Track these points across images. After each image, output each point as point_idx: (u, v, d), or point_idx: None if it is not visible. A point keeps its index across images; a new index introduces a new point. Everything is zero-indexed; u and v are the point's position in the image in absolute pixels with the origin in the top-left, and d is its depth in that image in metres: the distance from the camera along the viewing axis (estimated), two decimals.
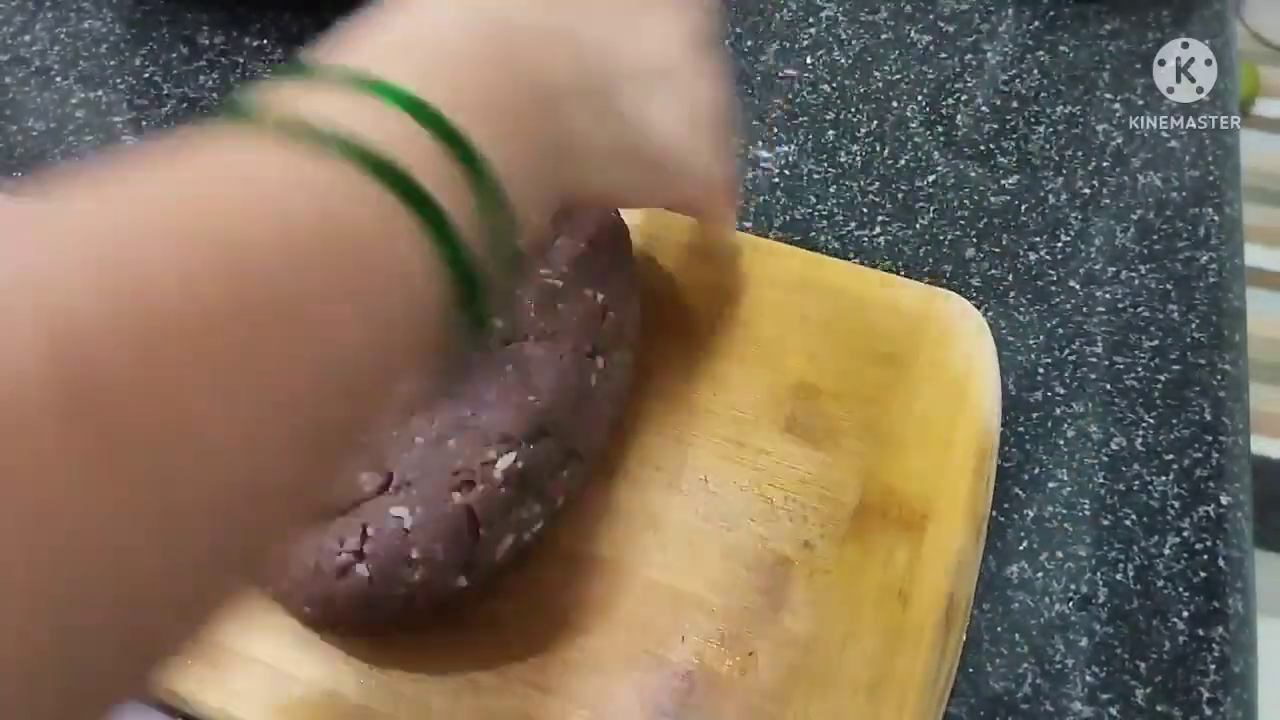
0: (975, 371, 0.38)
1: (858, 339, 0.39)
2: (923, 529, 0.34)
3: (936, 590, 0.32)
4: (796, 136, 0.50)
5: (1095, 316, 0.43)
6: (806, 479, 0.35)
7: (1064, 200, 0.47)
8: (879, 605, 0.32)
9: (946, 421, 0.36)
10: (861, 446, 0.36)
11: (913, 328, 0.39)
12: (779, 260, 0.41)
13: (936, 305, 0.39)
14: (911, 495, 0.35)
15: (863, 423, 0.36)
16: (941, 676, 0.32)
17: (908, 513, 0.34)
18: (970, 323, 0.39)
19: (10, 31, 0.54)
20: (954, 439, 0.36)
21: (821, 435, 0.36)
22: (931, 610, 0.32)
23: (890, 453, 0.36)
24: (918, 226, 0.46)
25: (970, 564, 0.34)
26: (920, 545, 0.33)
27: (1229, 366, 0.41)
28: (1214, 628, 0.34)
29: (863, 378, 0.38)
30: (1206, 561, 0.36)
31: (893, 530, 0.34)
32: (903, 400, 0.37)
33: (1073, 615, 0.35)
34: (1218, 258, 0.45)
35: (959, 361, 0.38)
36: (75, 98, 0.51)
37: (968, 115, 0.51)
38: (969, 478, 0.35)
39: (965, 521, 0.34)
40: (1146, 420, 0.39)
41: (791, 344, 0.39)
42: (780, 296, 0.40)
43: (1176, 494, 0.37)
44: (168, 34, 0.54)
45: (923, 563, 0.33)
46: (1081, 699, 0.33)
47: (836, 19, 0.56)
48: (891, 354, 0.38)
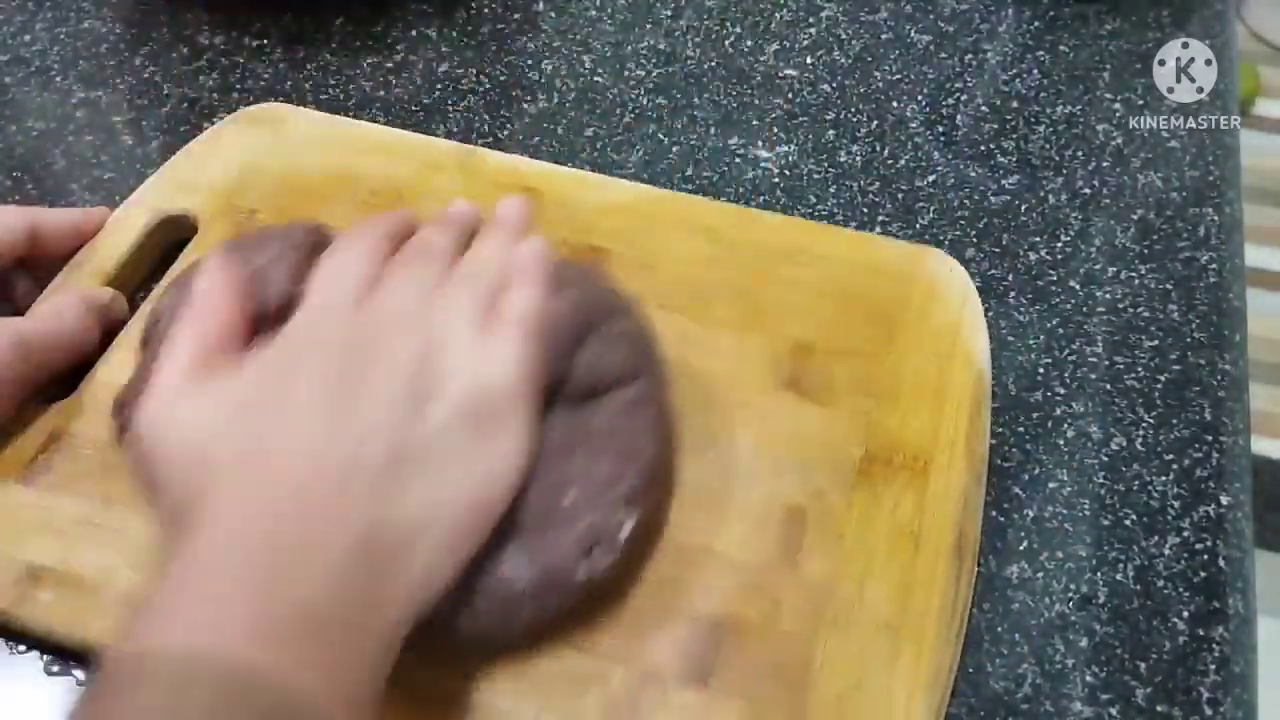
0: (963, 322, 0.39)
1: (848, 298, 0.40)
2: (926, 473, 0.35)
3: (945, 529, 0.34)
4: (796, 136, 0.50)
5: (1095, 316, 0.43)
6: (811, 434, 0.37)
7: (1064, 200, 0.47)
8: (892, 548, 0.34)
9: (939, 370, 0.38)
10: (861, 400, 0.37)
11: (901, 284, 0.40)
12: (766, 228, 0.43)
13: (922, 262, 0.41)
14: (912, 442, 0.36)
15: (860, 378, 0.38)
16: (957, 612, 0.33)
17: (910, 459, 0.36)
18: (956, 276, 0.41)
19: (10, 31, 0.54)
20: (948, 386, 0.38)
21: (821, 392, 0.38)
22: (942, 548, 0.34)
23: (889, 404, 0.37)
24: (918, 226, 0.46)
25: (974, 502, 0.35)
26: (925, 489, 0.35)
27: (1229, 366, 0.41)
28: (1214, 628, 0.34)
29: (857, 335, 0.39)
30: (1207, 561, 0.36)
31: (898, 476, 0.35)
32: (896, 353, 0.39)
33: (1073, 615, 0.35)
34: (1218, 258, 0.45)
35: (947, 313, 0.40)
36: (75, 98, 0.51)
37: (968, 115, 0.51)
38: (965, 422, 0.37)
39: (965, 462, 0.36)
40: (1147, 420, 0.39)
41: (785, 307, 0.40)
42: (770, 263, 0.41)
43: (1177, 494, 0.37)
44: (168, 34, 0.54)
45: (929, 505, 0.35)
46: (1081, 699, 0.33)
47: (836, 19, 0.56)
48: (882, 311, 0.40)
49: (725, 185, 0.47)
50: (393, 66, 0.53)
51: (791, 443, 0.36)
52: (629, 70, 0.53)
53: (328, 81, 0.52)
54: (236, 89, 0.51)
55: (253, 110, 0.48)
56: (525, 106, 0.51)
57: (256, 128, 0.47)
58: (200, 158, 0.46)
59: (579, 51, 0.54)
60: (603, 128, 0.50)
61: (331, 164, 0.45)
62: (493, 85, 0.52)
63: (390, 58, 0.53)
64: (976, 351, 0.39)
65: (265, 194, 0.44)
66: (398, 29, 0.55)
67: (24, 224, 0.39)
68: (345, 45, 0.54)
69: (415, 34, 0.55)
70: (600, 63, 0.53)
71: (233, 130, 0.47)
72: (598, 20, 0.56)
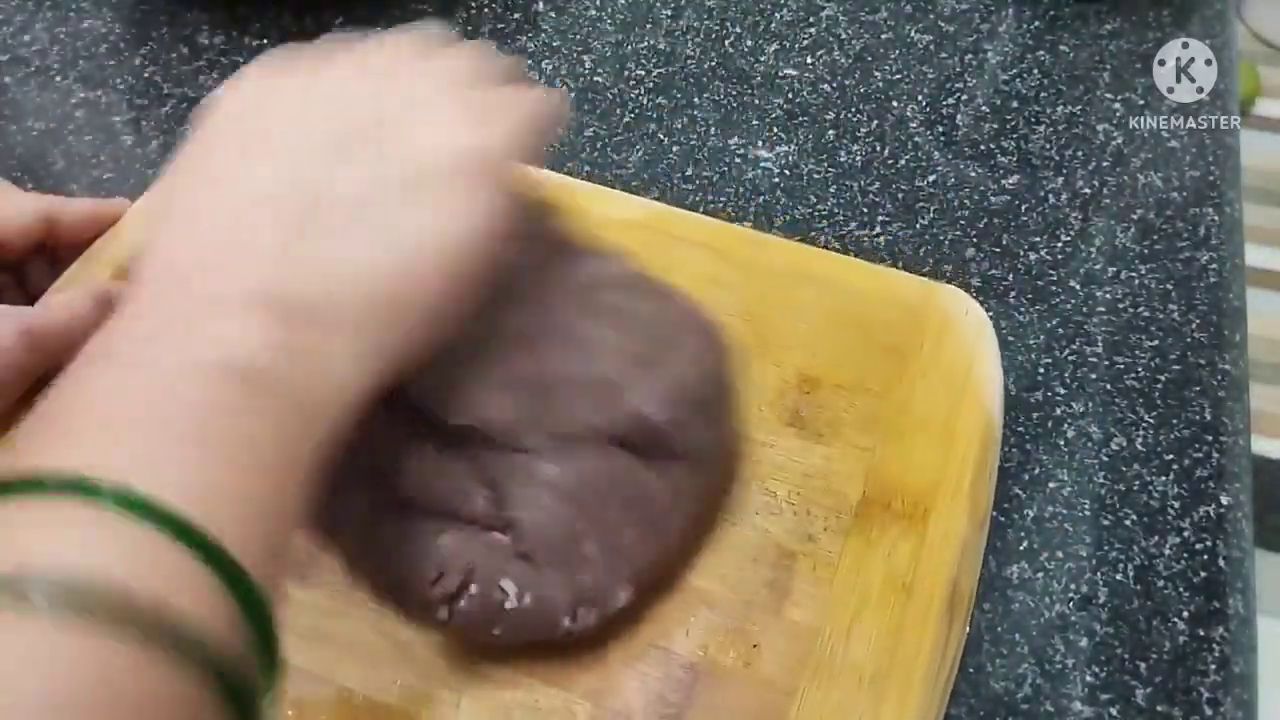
0: (976, 363, 0.38)
1: (859, 331, 0.39)
2: (925, 521, 0.34)
3: (939, 581, 0.33)
4: (796, 136, 0.50)
5: (1095, 316, 0.43)
6: (810, 472, 0.35)
7: (1064, 200, 0.47)
8: (882, 597, 0.32)
9: (948, 413, 0.36)
10: (864, 439, 0.36)
11: (914, 320, 0.39)
12: (779, 253, 0.41)
13: (937, 298, 0.40)
14: (914, 487, 0.35)
15: (865, 415, 0.37)
16: (945, 667, 0.32)
17: (910, 505, 0.34)
18: (971, 316, 0.39)
19: (10, 31, 0.54)
20: (956, 430, 0.36)
21: (824, 428, 0.36)
22: (934, 601, 0.32)
23: (893, 445, 0.36)
24: (918, 226, 0.46)
25: (973, 555, 0.34)
26: (923, 537, 0.34)
27: (1229, 366, 0.41)
28: (1214, 628, 0.34)
29: (864, 370, 0.38)
30: (1207, 561, 0.36)
31: (896, 522, 0.34)
32: (904, 392, 0.37)
33: (1073, 615, 0.35)
34: (1218, 258, 0.45)
35: (960, 353, 0.38)
36: (75, 97, 0.51)
37: (968, 115, 0.51)
38: (971, 469, 0.35)
39: (968, 512, 0.34)
40: (1147, 420, 0.39)
41: (793, 337, 0.39)
42: (781, 290, 0.40)
43: (1177, 494, 0.37)
44: (168, 34, 0.54)
45: (926, 554, 0.33)
46: (1082, 699, 0.33)
47: (836, 19, 0.56)
48: (893, 346, 0.38)
49: (725, 185, 0.47)
50: None
51: (789, 480, 0.35)
52: (629, 70, 0.53)
53: None
54: None
55: None
56: None
57: None
58: None
59: (579, 51, 0.54)
60: (603, 128, 0.50)
61: None
62: None
63: None
64: (988, 395, 0.37)
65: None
66: (397, 29, 0.55)
67: (41, 211, 0.40)
68: None
69: None
70: (600, 63, 0.53)
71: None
72: (598, 20, 0.56)
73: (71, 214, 0.41)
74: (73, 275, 0.41)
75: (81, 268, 0.41)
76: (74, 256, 0.41)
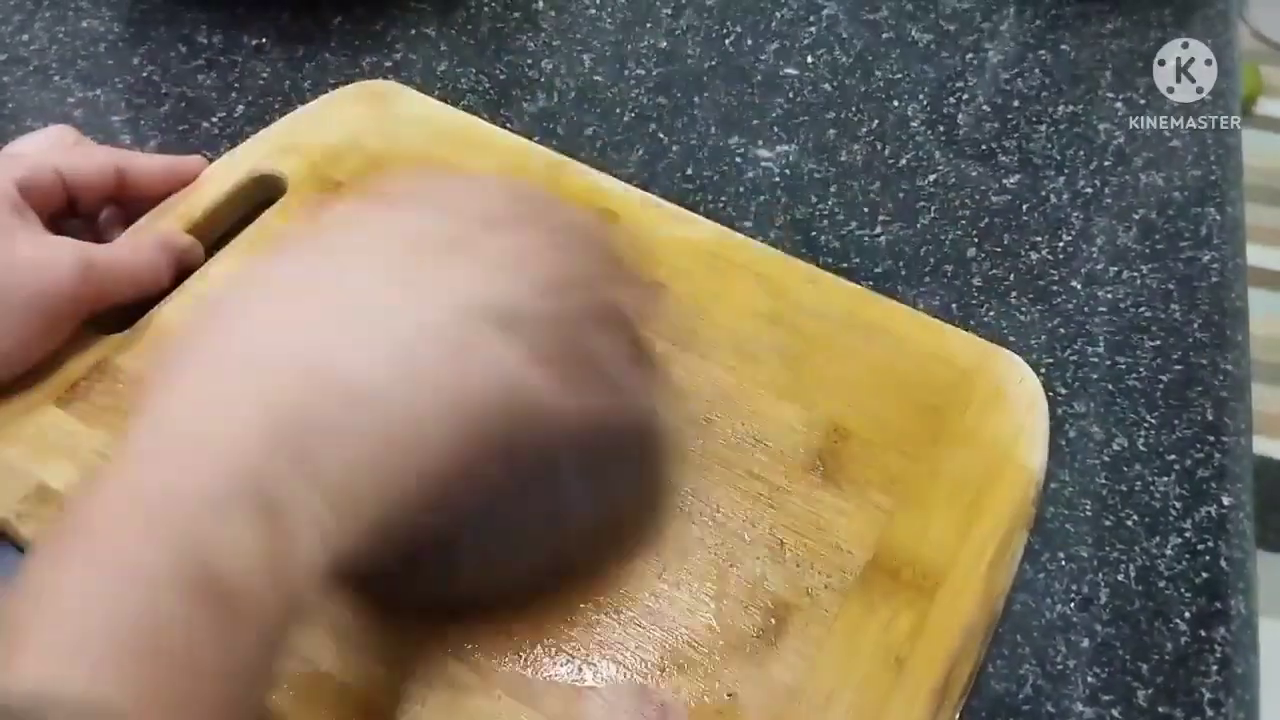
0: (1022, 439, 0.36)
1: (902, 386, 0.37)
2: (932, 597, 0.32)
3: (934, 662, 0.31)
4: (796, 136, 0.50)
5: (1097, 316, 0.43)
6: (821, 525, 0.34)
7: (1065, 200, 0.47)
8: (872, 668, 0.31)
9: (980, 488, 0.35)
10: (885, 499, 0.34)
11: (963, 382, 0.37)
12: (833, 294, 0.40)
13: (992, 363, 0.38)
14: (927, 559, 0.33)
15: (891, 475, 0.35)
16: None
17: (920, 576, 0.33)
18: (1026, 388, 0.37)
19: (9, 31, 0.54)
20: (985, 507, 0.34)
21: (845, 482, 0.35)
22: (925, 682, 0.31)
23: (914, 511, 0.34)
24: (919, 226, 0.46)
25: (977, 640, 0.32)
26: (927, 613, 0.32)
27: (1231, 366, 0.41)
28: (1216, 628, 0.34)
29: (900, 428, 0.36)
30: (1208, 562, 0.36)
31: (901, 593, 0.32)
32: (937, 458, 0.35)
33: (1074, 616, 0.34)
34: (1219, 257, 0.45)
35: (1006, 426, 0.36)
36: (74, 97, 0.51)
37: (969, 115, 0.51)
38: (993, 550, 0.33)
39: (980, 595, 0.33)
40: (1148, 420, 0.39)
41: (831, 381, 0.37)
42: (828, 330, 0.39)
43: (1178, 494, 0.37)
44: (167, 34, 0.54)
45: (926, 632, 0.32)
46: (1083, 700, 0.33)
47: (837, 18, 0.56)
48: (935, 407, 0.37)
49: (725, 185, 0.47)
50: (392, 66, 0.53)
51: (799, 529, 0.34)
52: (629, 70, 0.53)
53: (327, 81, 0.51)
54: (235, 88, 0.51)
55: (365, 85, 0.49)
56: (525, 105, 0.51)
57: (365, 103, 0.48)
58: (306, 123, 0.47)
59: (579, 51, 0.54)
60: (603, 127, 0.50)
61: (425, 150, 0.46)
62: (493, 85, 0.52)
63: (390, 57, 0.53)
64: (1028, 472, 0.35)
65: (356, 169, 0.45)
66: (397, 28, 0.55)
67: (112, 165, 0.41)
68: (345, 45, 0.54)
69: (415, 33, 0.55)
70: (600, 62, 0.53)
71: (343, 101, 0.48)
72: (598, 20, 0.56)
73: (142, 168, 0.42)
74: (142, 226, 0.42)
75: (154, 220, 0.42)
76: (144, 209, 0.42)
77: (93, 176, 0.40)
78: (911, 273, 0.44)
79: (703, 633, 0.32)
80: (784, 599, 0.32)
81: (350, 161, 0.45)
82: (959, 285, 0.43)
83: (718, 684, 0.31)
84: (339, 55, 0.53)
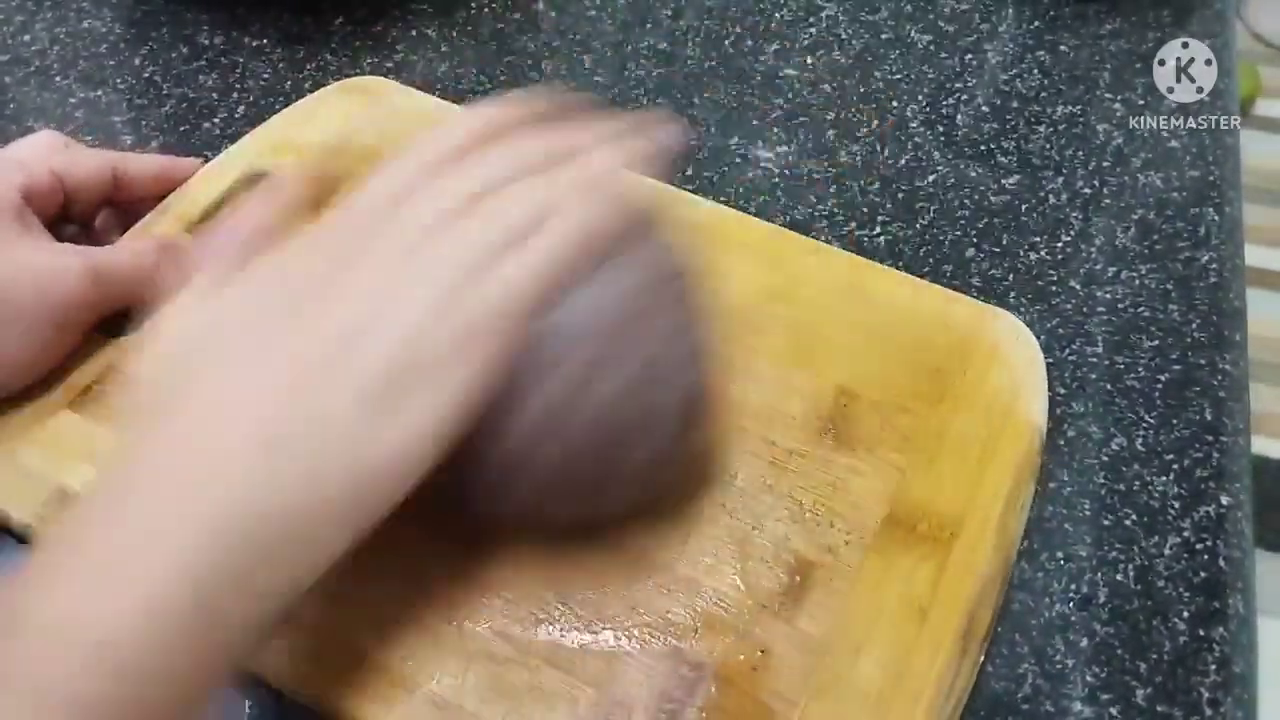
0: (1022, 394, 0.37)
1: (905, 349, 0.38)
2: (950, 547, 0.33)
3: (956, 610, 0.32)
4: (796, 136, 0.50)
5: (1095, 316, 0.43)
6: (837, 485, 0.35)
7: (1064, 200, 0.47)
8: (896, 619, 0.32)
9: (987, 441, 0.36)
10: (897, 458, 0.36)
11: (962, 344, 0.39)
12: (834, 265, 0.41)
13: (989, 323, 0.39)
14: (942, 512, 0.34)
15: (901, 434, 0.36)
16: (952, 698, 0.31)
17: (936, 529, 0.34)
18: (1023, 344, 0.39)
19: (10, 31, 0.54)
20: (992, 460, 0.36)
21: (857, 442, 0.36)
22: (949, 629, 0.32)
23: (926, 467, 0.35)
24: (918, 226, 0.46)
25: (995, 587, 0.33)
26: (945, 563, 0.33)
27: (1229, 367, 0.41)
28: (1214, 628, 0.34)
29: (906, 388, 0.37)
30: (1207, 562, 0.36)
31: (919, 545, 0.34)
32: (944, 415, 0.37)
33: (1073, 615, 0.35)
34: (1218, 258, 0.45)
35: (1006, 382, 0.38)
36: (75, 97, 0.51)
37: (968, 115, 0.51)
38: (1003, 500, 0.35)
39: (994, 544, 0.34)
40: (1147, 420, 0.39)
41: (837, 348, 0.39)
42: (830, 300, 0.40)
43: (1177, 494, 0.37)
44: (167, 34, 0.54)
45: (946, 581, 0.33)
46: (1082, 699, 0.33)
47: (837, 18, 0.56)
48: (938, 368, 0.38)
49: (725, 185, 0.47)
50: (393, 66, 0.53)
51: (815, 490, 0.35)
52: (629, 70, 0.53)
53: (327, 81, 0.51)
54: (236, 89, 0.51)
55: (354, 81, 0.49)
56: None
57: (356, 98, 0.48)
58: (299, 120, 0.47)
59: (579, 51, 0.54)
60: None
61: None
62: (493, 85, 0.52)
63: (390, 58, 0.53)
64: (1030, 425, 0.36)
65: (350, 164, 0.44)
66: (397, 29, 0.55)
67: (108, 167, 0.41)
68: (345, 45, 0.54)
69: (415, 34, 0.55)
70: (600, 63, 0.53)
71: (335, 97, 0.48)
72: (598, 20, 0.56)
73: (138, 169, 0.42)
74: (143, 227, 0.42)
75: (152, 221, 0.42)
76: (141, 211, 0.43)
77: (89, 179, 0.40)
78: (911, 273, 0.44)
79: (731, 594, 0.33)
80: (806, 557, 0.33)
81: (344, 156, 0.45)
82: (958, 285, 0.43)
83: (751, 641, 0.32)
84: (339, 56, 0.53)
